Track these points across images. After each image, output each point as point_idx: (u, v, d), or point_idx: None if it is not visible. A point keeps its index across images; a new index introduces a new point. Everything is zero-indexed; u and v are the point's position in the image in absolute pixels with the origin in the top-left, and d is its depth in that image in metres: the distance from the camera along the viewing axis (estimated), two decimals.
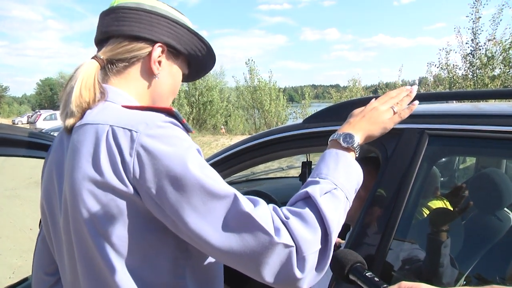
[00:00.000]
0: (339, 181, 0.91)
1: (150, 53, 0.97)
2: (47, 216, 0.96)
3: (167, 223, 0.80)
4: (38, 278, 1.07)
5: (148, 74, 0.99)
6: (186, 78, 1.14)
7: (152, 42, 0.96)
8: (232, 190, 0.80)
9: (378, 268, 1.15)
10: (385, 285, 0.87)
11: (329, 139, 1.06)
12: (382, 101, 1.13)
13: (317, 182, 0.89)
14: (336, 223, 0.84)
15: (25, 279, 1.86)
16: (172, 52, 1.01)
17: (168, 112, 0.88)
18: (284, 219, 0.80)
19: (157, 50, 0.97)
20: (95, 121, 0.85)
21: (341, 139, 1.01)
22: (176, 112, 0.89)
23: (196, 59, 1.07)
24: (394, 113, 1.11)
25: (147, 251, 0.83)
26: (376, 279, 0.91)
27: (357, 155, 1.02)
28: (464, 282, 1.21)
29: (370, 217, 1.22)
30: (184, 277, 0.88)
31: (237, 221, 0.77)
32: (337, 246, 2.36)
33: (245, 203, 0.79)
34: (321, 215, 0.82)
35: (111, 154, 0.79)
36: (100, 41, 0.99)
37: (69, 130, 0.89)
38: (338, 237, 2.17)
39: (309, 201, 0.85)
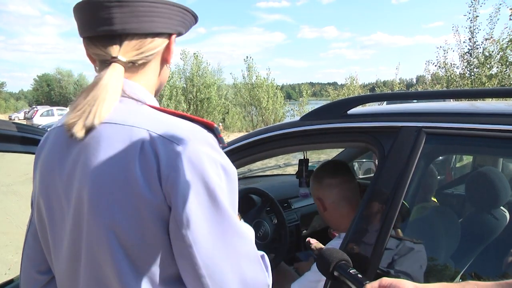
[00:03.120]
0: None
1: (167, 45, 0.93)
2: (43, 215, 0.89)
3: (178, 245, 0.77)
4: (29, 277, 1.00)
5: (162, 64, 0.95)
6: None
7: (170, 34, 0.92)
8: (252, 232, 0.86)
9: (374, 265, 1.15)
10: (367, 282, 0.89)
11: None
12: None
13: None
14: None
15: None
16: None
17: (208, 126, 0.84)
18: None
19: (173, 41, 0.93)
20: (128, 123, 0.80)
21: None
22: (216, 127, 0.85)
23: (186, 31, 1.02)
24: None
25: (166, 265, 0.80)
26: (360, 275, 0.95)
27: None
28: (460, 280, 1.21)
29: (366, 215, 1.22)
30: None
31: (251, 263, 0.81)
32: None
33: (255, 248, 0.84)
34: None
35: (148, 161, 0.75)
36: (105, 36, 0.85)
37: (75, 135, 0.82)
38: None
39: None
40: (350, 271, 0.97)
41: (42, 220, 0.92)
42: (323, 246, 2.40)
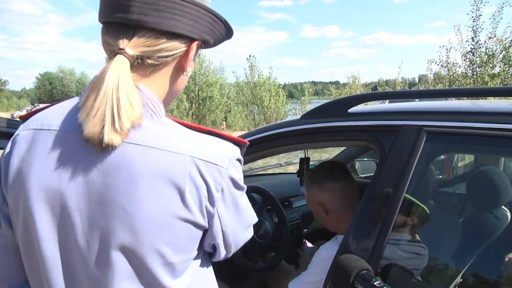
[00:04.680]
0: None
1: (187, 51, 0.84)
2: (35, 227, 0.78)
3: (212, 235, 0.85)
4: None
5: (179, 71, 0.86)
6: None
7: (191, 39, 0.82)
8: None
9: (375, 265, 1.15)
10: None
11: None
12: None
13: None
14: None
15: None
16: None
17: (237, 143, 0.86)
18: None
19: (194, 48, 0.84)
20: (166, 148, 0.75)
21: None
22: (245, 144, 0.88)
23: (217, 44, 0.94)
24: None
25: (196, 271, 0.88)
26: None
27: None
28: (461, 280, 1.21)
29: (367, 214, 1.22)
30: None
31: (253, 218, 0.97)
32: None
33: None
34: None
35: (198, 191, 0.76)
36: (120, 25, 0.79)
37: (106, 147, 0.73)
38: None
39: None
40: (375, 283, 0.87)
41: (29, 232, 0.80)
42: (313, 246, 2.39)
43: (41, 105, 1.16)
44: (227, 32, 0.91)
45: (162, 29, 0.77)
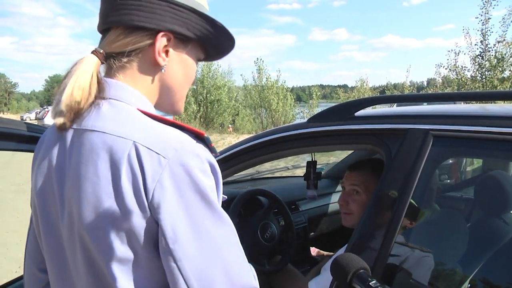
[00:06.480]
0: None
1: (153, 44, 0.86)
2: (38, 216, 0.89)
3: (167, 259, 0.76)
4: (32, 275, 1.00)
5: (154, 66, 0.89)
6: (207, 59, 1.03)
7: (155, 32, 0.86)
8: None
9: (380, 270, 1.15)
10: None
11: None
12: None
13: None
14: None
15: None
16: (181, 38, 0.90)
17: (197, 135, 0.82)
18: None
19: (161, 40, 0.86)
20: (115, 133, 0.77)
21: None
22: (207, 137, 0.83)
23: (210, 42, 0.95)
24: None
25: (151, 271, 0.80)
26: None
27: None
28: (469, 286, 1.20)
29: (372, 217, 1.22)
30: None
31: (240, 267, 0.80)
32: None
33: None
34: None
35: (134, 176, 0.74)
36: (103, 31, 0.90)
37: (61, 129, 0.83)
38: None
39: None
40: (371, 284, 0.88)
41: (37, 222, 0.91)
42: (324, 253, 2.39)
43: (50, 108, 1.27)
44: (210, 24, 0.91)
45: (120, 25, 0.86)
